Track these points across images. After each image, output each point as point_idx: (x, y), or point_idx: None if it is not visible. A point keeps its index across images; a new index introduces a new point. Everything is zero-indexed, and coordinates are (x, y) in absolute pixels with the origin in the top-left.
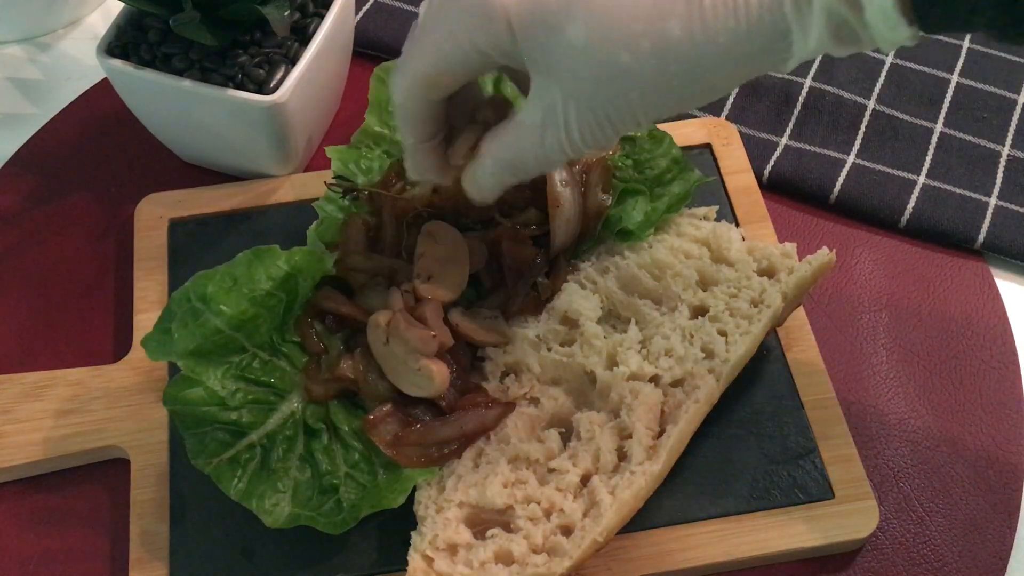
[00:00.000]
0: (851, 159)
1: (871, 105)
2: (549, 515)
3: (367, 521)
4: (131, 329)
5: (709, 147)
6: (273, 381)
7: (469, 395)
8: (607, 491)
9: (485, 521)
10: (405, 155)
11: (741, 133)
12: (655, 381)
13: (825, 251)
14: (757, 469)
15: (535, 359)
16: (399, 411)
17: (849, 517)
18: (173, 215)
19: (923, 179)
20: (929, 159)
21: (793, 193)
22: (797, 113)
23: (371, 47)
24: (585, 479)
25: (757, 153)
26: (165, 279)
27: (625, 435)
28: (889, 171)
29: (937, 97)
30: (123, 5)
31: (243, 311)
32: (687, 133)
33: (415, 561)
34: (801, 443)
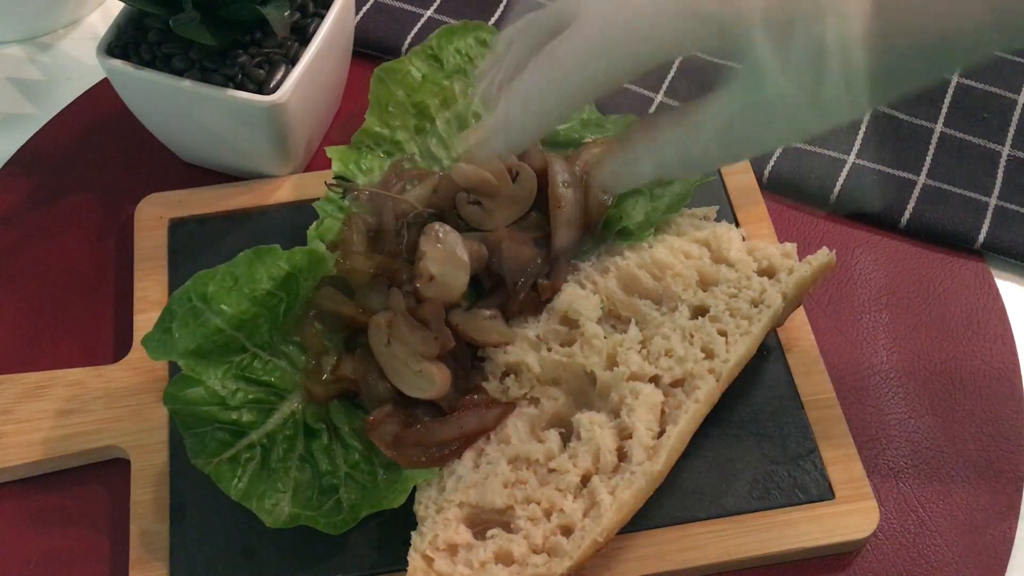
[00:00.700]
0: (851, 159)
1: None
2: (549, 515)
3: (367, 521)
4: (131, 329)
5: None
6: (273, 381)
7: (469, 395)
8: (607, 491)
9: (485, 521)
10: None
11: None
12: (655, 381)
13: (825, 251)
14: (757, 469)
15: (535, 359)
16: (399, 412)
17: (849, 517)
18: (173, 215)
19: (923, 179)
20: (929, 159)
21: (793, 193)
22: None
23: (371, 47)
24: (585, 479)
25: None
26: (165, 279)
27: (625, 435)
28: (889, 171)
29: (937, 97)
30: (123, 5)
31: (244, 311)
32: None
33: (415, 561)
34: (801, 443)
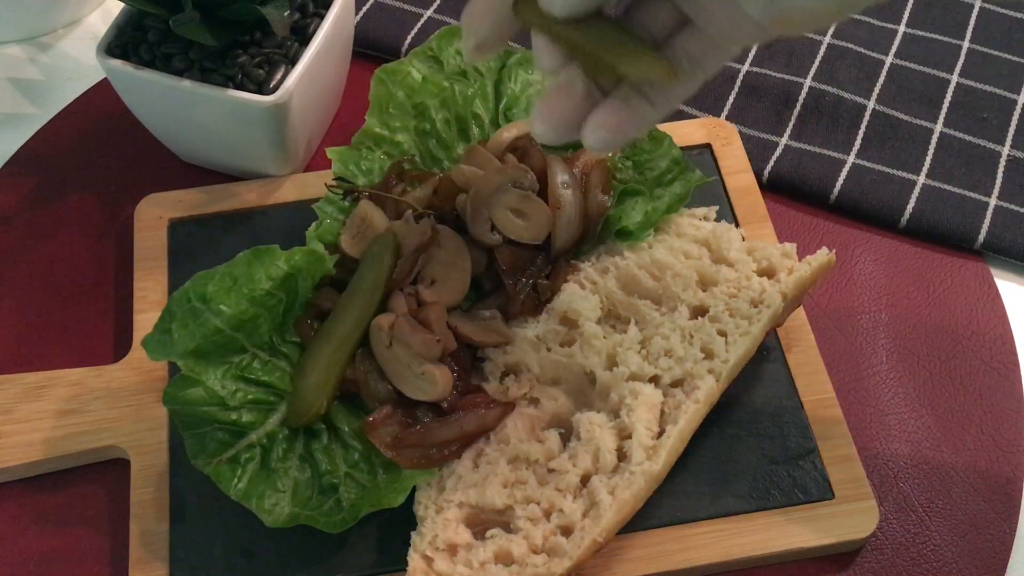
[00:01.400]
0: (851, 159)
1: (871, 105)
2: (549, 515)
3: (367, 521)
4: (131, 329)
5: (709, 147)
6: (273, 381)
7: (469, 396)
8: (607, 491)
9: (485, 521)
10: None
11: (741, 133)
12: (655, 381)
13: (825, 251)
14: (757, 469)
15: (535, 359)
16: (399, 412)
17: (849, 517)
18: (173, 215)
19: (923, 179)
20: (929, 159)
21: (793, 193)
22: (797, 113)
23: (371, 47)
24: (585, 479)
25: (757, 153)
26: (165, 279)
27: (625, 435)
28: (889, 171)
29: (937, 97)
30: (123, 5)
31: (243, 311)
32: (687, 133)
33: (415, 561)
34: (801, 443)
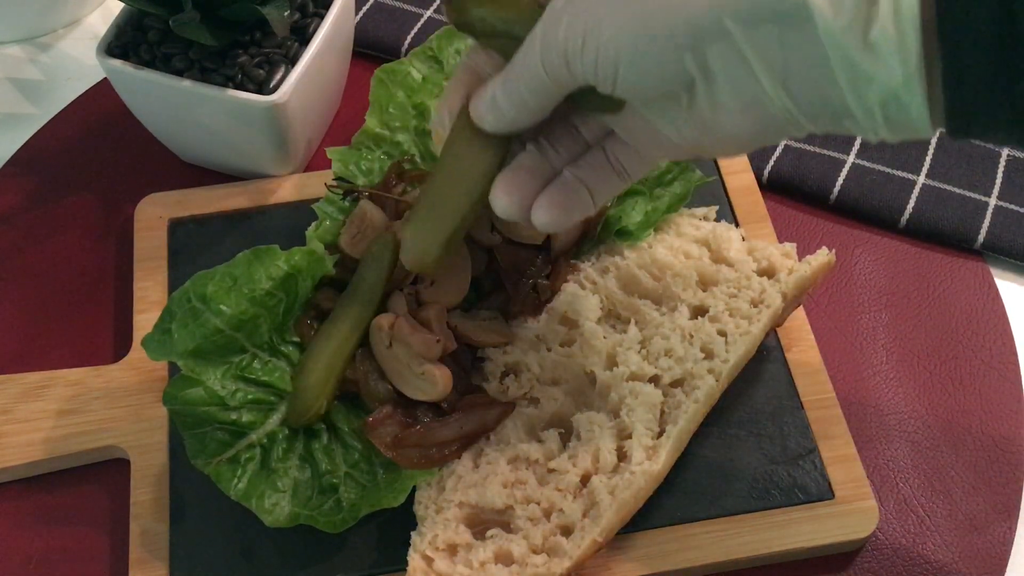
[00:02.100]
0: (851, 159)
1: None
2: (549, 515)
3: (367, 521)
4: (131, 329)
5: None
6: (273, 381)
7: (469, 396)
8: (607, 491)
9: (485, 521)
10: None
11: None
12: (655, 381)
13: (825, 251)
14: (757, 469)
15: (535, 359)
16: (399, 412)
17: (849, 517)
18: (173, 215)
19: (923, 179)
20: (929, 159)
21: (793, 193)
22: None
23: (371, 47)
24: (585, 479)
25: (757, 153)
26: (165, 279)
27: (625, 435)
28: (889, 171)
29: None
30: (123, 5)
31: (243, 311)
32: None
33: (415, 561)
34: (801, 443)
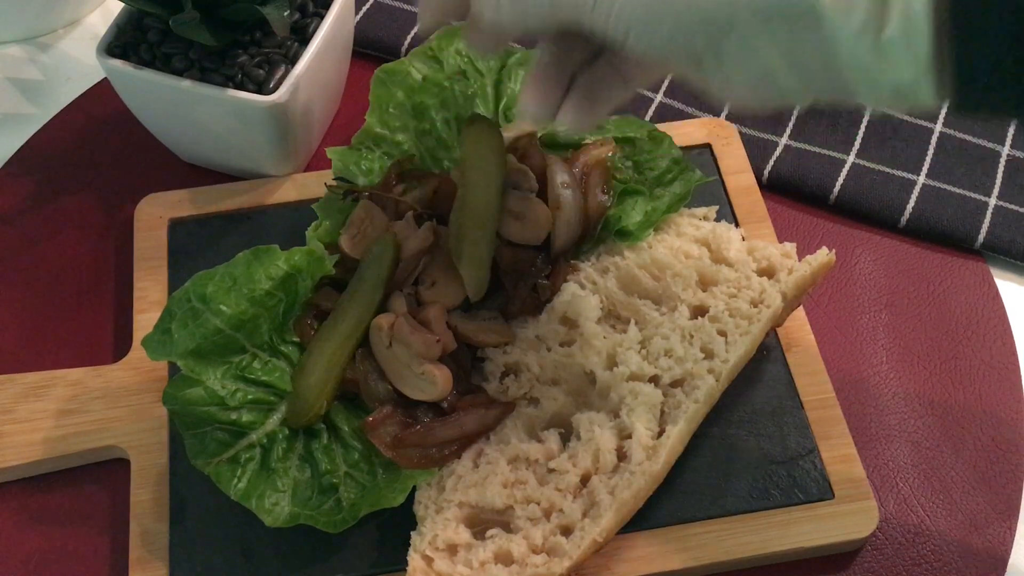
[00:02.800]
0: (851, 159)
1: None
2: (549, 515)
3: (367, 521)
4: (131, 329)
5: (709, 147)
6: (272, 381)
7: (469, 396)
8: (607, 491)
9: (485, 521)
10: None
11: (741, 133)
12: (655, 381)
13: (825, 251)
14: (757, 469)
15: (535, 359)
16: (399, 412)
17: (849, 517)
18: (173, 215)
19: (923, 179)
20: (929, 159)
21: (793, 193)
22: (797, 113)
23: (371, 47)
24: (585, 479)
25: (757, 153)
26: (165, 279)
27: (625, 435)
28: (889, 171)
29: None
30: (123, 5)
31: (243, 311)
32: (687, 133)
33: (415, 561)
34: (801, 443)
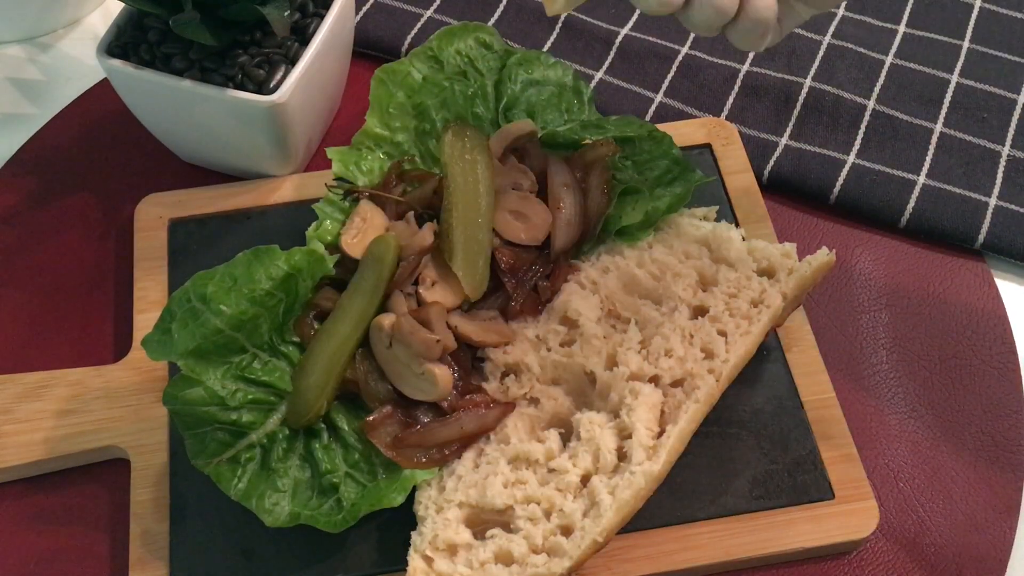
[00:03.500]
0: (851, 159)
1: (871, 105)
2: (549, 515)
3: (367, 521)
4: (131, 329)
5: (709, 147)
6: (273, 381)
7: (469, 396)
8: (607, 491)
9: (485, 521)
10: None
11: (741, 133)
12: (655, 381)
13: (825, 251)
14: (757, 469)
15: (535, 359)
16: (399, 412)
17: (849, 517)
18: (173, 215)
19: (923, 179)
20: (929, 159)
21: (793, 193)
22: (797, 113)
23: (371, 47)
24: (585, 479)
25: (757, 153)
26: (165, 279)
27: (625, 435)
28: (889, 171)
29: (937, 97)
30: (123, 5)
31: (243, 311)
32: (687, 133)
33: (415, 561)
34: (801, 443)
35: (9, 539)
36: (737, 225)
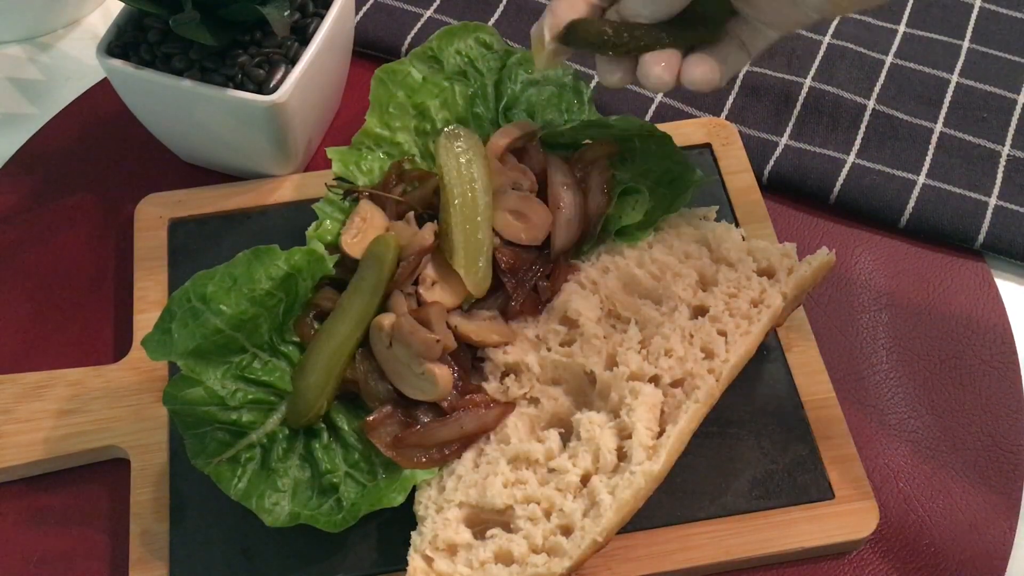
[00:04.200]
0: (851, 159)
1: (871, 105)
2: (549, 515)
3: (367, 521)
4: (131, 329)
5: (709, 147)
6: (273, 381)
7: (469, 396)
8: (607, 491)
9: (485, 521)
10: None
11: (741, 133)
12: (655, 381)
13: (825, 251)
14: (757, 469)
15: (535, 359)
16: (399, 412)
17: (849, 517)
18: (173, 215)
19: (923, 179)
20: (929, 159)
21: (793, 193)
22: (797, 113)
23: (371, 47)
24: (585, 479)
25: (757, 153)
26: (165, 279)
27: (625, 435)
28: (889, 171)
29: (937, 97)
30: (123, 5)
31: (243, 311)
32: (687, 133)
33: (415, 561)
34: (801, 443)
35: (9, 539)
36: (737, 225)
